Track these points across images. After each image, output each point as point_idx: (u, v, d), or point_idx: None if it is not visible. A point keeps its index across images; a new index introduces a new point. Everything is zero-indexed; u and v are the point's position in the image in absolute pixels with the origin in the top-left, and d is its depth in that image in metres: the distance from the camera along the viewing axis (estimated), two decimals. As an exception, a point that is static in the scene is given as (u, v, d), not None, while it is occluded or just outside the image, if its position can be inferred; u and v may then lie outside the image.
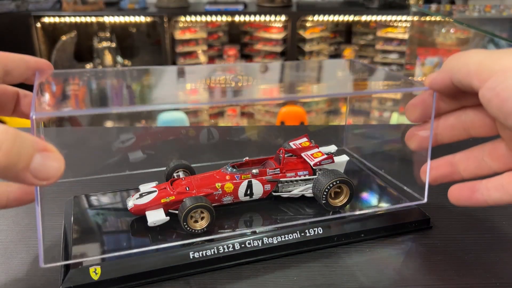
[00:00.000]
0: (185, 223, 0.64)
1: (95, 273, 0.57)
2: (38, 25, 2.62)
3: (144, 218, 0.66)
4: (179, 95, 0.72)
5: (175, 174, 0.73)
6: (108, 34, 2.74)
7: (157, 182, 0.71)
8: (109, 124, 1.47)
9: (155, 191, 0.67)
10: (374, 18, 2.73)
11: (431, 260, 0.63)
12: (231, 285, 0.59)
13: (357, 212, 0.72)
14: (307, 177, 0.72)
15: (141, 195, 0.67)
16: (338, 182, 0.68)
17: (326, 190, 0.68)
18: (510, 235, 0.68)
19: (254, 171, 0.69)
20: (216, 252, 0.61)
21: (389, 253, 0.64)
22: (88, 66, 2.75)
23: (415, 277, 0.60)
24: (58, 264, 0.58)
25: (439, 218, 0.72)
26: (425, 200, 0.70)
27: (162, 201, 0.66)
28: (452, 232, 0.69)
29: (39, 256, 0.56)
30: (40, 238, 0.55)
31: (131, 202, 0.67)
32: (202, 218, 0.65)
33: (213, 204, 0.66)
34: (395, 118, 0.80)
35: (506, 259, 0.63)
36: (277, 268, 0.63)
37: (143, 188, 0.70)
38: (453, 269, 0.61)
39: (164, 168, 0.75)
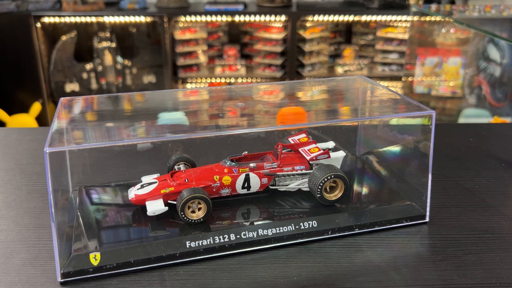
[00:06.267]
0: (182, 213, 0.66)
1: (95, 259, 0.59)
2: (38, 25, 2.62)
3: (144, 208, 0.67)
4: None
5: (176, 167, 0.75)
6: (108, 34, 2.74)
7: (159, 174, 0.73)
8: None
9: (155, 182, 0.69)
10: (374, 18, 2.73)
11: (431, 260, 0.63)
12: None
13: (352, 206, 0.74)
14: (303, 171, 0.73)
15: (142, 186, 0.69)
16: (332, 176, 0.69)
17: (321, 184, 0.69)
18: (510, 235, 0.68)
19: (251, 164, 0.71)
20: (211, 242, 0.63)
21: (389, 253, 0.64)
22: (88, 66, 2.75)
23: (415, 277, 0.60)
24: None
25: (439, 218, 0.72)
26: (427, 219, 0.70)
27: (162, 191, 0.68)
28: (452, 232, 0.69)
29: (56, 271, 0.58)
30: (57, 254, 0.57)
31: (132, 193, 0.69)
32: (199, 209, 0.67)
33: (211, 196, 0.69)
34: (395, 120, 0.80)
35: (506, 259, 0.63)
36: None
37: (145, 179, 0.72)
38: (453, 269, 0.61)
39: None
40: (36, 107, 2.66)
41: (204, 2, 2.89)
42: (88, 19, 2.68)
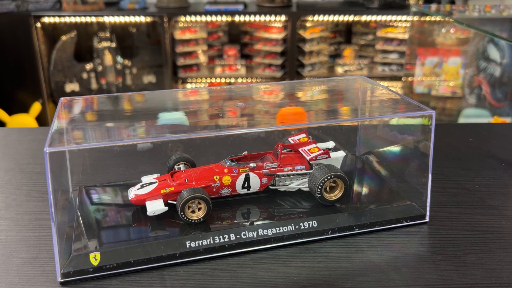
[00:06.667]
0: (182, 213, 0.66)
1: (95, 259, 0.59)
2: (38, 25, 2.62)
3: (144, 208, 0.67)
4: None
5: (176, 167, 0.75)
6: (108, 34, 2.74)
7: (159, 174, 0.73)
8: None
9: (155, 182, 0.69)
10: (374, 18, 2.73)
11: (431, 260, 0.63)
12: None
13: (352, 206, 0.74)
14: (303, 171, 0.73)
15: (142, 186, 0.69)
16: (332, 176, 0.69)
17: (321, 184, 0.69)
18: (510, 235, 0.68)
19: (251, 164, 0.71)
20: (211, 242, 0.63)
21: (389, 253, 0.64)
22: (88, 66, 2.75)
23: (415, 277, 0.60)
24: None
25: (439, 218, 0.72)
26: (427, 219, 0.70)
27: (162, 191, 0.68)
28: (452, 232, 0.69)
29: (56, 271, 0.57)
30: (57, 254, 0.57)
31: (132, 193, 0.69)
32: (199, 209, 0.67)
33: (211, 196, 0.69)
34: (395, 120, 0.81)
35: (506, 259, 0.63)
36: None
37: (145, 179, 0.72)
38: (453, 269, 0.61)
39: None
40: (36, 107, 2.66)
41: (204, 2, 2.90)
42: (88, 19, 2.68)
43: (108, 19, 2.69)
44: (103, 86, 2.80)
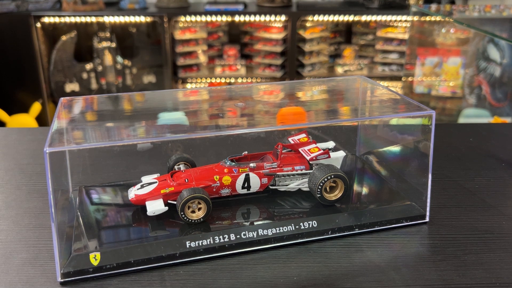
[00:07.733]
0: (182, 213, 0.66)
1: (95, 259, 0.59)
2: (38, 25, 2.62)
3: (144, 208, 0.67)
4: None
5: (176, 167, 0.75)
6: (108, 34, 2.74)
7: (159, 174, 0.73)
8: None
9: (155, 182, 0.69)
10: (374, 18, 2.73)
11: (431, 260, 0.63)
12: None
13: (352, 206, 0.74)
14: (303, 171, 0.73)
15: (142, 186, 0.69)
16: (332, 176, 0.69)
17: (321, 184, 0.69)
18: (510, 235, 0.68)
19: (251, 164, 0.71)
20: (211, 242, 0.63)
21: (389, 253, 0.64)
22: (88, 66, 2.75)
23: (415, 277, 0.60)
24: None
25: (439, 218, 0.72)
26: (427, 219, 0.70)
27: (162, 191, 0.68)
28: (452, 232, 0.69)
29: (56, 271, 0.57)
30: (57, 254, 0.57)
31: (132, 193, 0.69)
32: (199, 209, 0.67)
33: (211, 196, 0.69)
34: (395, 120, 0.81)
35: (506, 259, 0.63)
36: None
37: (145, 179, 0.72)
38: (453, 269, 0.61)
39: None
40: (36, 107, 2.66)
41: (204, 2, 2.90)
42: (88, 19, 2.68)
43: (108, 19, 2.69)
44: (103, 86, 2.80)
